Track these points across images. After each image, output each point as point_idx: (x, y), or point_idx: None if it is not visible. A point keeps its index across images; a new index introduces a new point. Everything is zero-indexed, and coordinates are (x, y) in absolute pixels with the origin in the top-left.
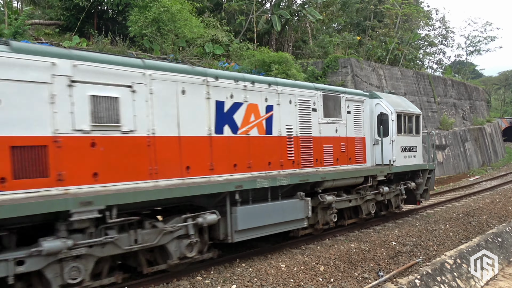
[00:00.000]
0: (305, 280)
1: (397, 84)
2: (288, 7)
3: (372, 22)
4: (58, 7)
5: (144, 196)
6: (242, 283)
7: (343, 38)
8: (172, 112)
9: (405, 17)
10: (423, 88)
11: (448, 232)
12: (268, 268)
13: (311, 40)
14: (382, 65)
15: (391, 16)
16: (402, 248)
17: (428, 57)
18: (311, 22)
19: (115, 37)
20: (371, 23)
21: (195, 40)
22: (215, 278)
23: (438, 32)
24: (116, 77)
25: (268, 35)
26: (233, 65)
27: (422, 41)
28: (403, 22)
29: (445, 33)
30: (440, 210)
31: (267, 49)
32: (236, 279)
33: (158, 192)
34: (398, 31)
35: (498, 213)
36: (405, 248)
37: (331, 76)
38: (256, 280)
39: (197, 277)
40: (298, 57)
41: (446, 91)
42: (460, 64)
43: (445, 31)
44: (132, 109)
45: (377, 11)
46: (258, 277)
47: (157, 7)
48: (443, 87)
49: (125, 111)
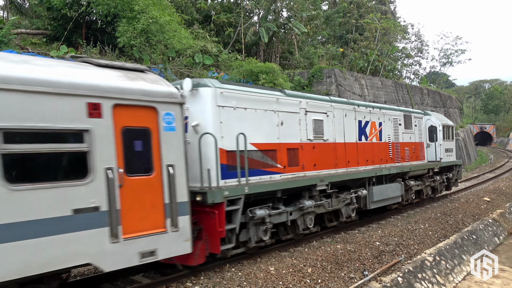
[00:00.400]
0: (294, 282)
1: (378, 93)
2: (275, 20)
3: (354, 35)
4: (46, 16)
5: (339, 178)
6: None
7: (327, 50)
8: (341, 127)
9: (384, 31)
10: (402, 97)
11: (427, 231)
12: (257, 272)
13: (297, 52)
14: (364, 75)
15: (371, 29)
16: (385, 247)
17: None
18: (296, 34)
19: (104, 47)
20: (353, 36)
21: (184, 51)
22: (204, 284)
23: (414, 45)
24: (320, 108)
25: (256, 46)
26: (222, 74)
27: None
28: (382, 35)
29: (420, 46)
30: (419, 210)
31: (255, 59)
32: (226, 284)
33: (344, 175)
34: (378, 43)
35: (472, 212)
36: (388, 248)
37: (316, 86)
38: (245, 284)
39: (187, 283)
40: (285, 67)
41: (422, 99)
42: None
43: (420, 44)
44: (327, 126)
45: (358, 25)
46: (247, 281)
47: (146, 18)
48: (420, 95)
49: (325, 128)
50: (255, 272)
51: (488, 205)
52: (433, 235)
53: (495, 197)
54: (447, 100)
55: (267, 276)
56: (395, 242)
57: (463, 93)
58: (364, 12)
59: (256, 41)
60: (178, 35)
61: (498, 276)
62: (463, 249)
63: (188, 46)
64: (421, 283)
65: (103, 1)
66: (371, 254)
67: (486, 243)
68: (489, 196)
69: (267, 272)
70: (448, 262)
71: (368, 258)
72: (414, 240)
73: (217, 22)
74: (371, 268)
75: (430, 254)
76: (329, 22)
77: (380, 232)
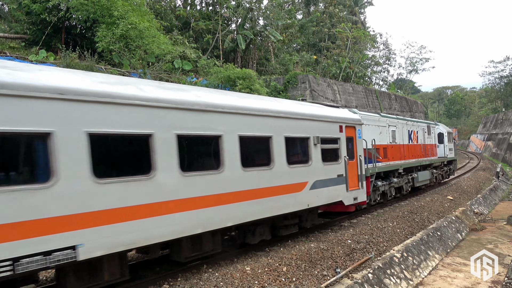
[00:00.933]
0: (269, 281)
1: (349, 98)
2: (252, 28)
3: (327, 43)
4: (24, 21)
5: (407, 165)
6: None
7: (302, 57)
8: (401, 135)
9: (355, 39)
10: (371, 102)
11: (395, 228)
12: (233, 272)
13: (273, 58)
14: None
15: (342, 38)
16: (356, 245)
17: (375, 75)
18: (272, 42)
19: (83, 51)
20: (325, 44)
21: (164, 56)
22: (182, 285)
23: (383, 53)
24: (394, 123)
25: (234, 53)
26: (201, 80)
27: (369, 60)
28: (353, 44)
29: (388, 54)
30: (388, 209)
31: (233, 65)
32: (203, 285)
33: (407, 164)
34: (349, 51)
35: (437, 210)
36: (359, 245)
37: (291, 91)
38: (222, 284)
39: (164, 285)
40: (261, 73)
41: (390, 104)
42: (401, 81)
43: (388, 52)
44: (397, 134)
45: (331, 33)
46: (224, 281)
47: (125, 24)
48: (388, 101)
49: (396, 135)
50: (232, 272)
51: (451, 203)
52: (401, 233)
53: (457, 196)
54: (413, 105)
55: (243, 276)
56: (365, 240)
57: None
58: (336, 21)
59: (234, 48)
60: (157, 40)
61: (461, 270)
62: (429, 245)
63: (167, 51)
64: (390, 278)
65: (82, 7)
66: (343, 252)
67: (450, 239)
68: (452, 195)
69: (243, 272)
70: (415, 258)
71: (340, 256)
72: (383, 238)
73: (196, 29)
74: (343, 265)
75: (398, 251)
76: (303, 30)
77: (351, 230)
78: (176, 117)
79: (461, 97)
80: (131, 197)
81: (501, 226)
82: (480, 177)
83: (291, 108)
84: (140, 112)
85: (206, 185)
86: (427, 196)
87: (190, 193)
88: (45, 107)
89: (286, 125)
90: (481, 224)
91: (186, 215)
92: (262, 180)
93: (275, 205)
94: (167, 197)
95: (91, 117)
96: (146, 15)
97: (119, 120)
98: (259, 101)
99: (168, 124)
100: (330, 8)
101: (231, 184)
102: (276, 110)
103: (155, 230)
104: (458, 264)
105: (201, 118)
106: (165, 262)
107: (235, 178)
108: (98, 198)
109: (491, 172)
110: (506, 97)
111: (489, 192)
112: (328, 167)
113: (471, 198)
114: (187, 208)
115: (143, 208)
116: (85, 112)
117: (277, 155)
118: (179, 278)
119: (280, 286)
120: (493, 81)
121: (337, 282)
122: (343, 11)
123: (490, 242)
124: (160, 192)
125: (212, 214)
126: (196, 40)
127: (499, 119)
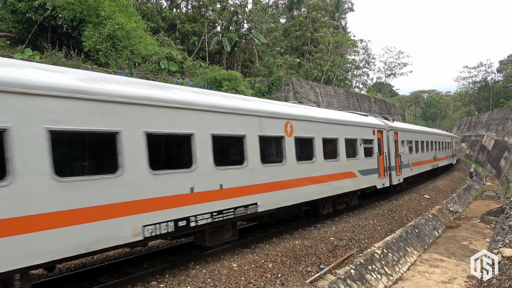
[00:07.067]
0: (255, 278)
1: (331, 100)
2: (237, 30)
3: (309, 47)
4: (10, 19)
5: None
6: (196, 285)
7: (285, 60)
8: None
9: (336, 44)
10: (352, 104)
11: (376, 226)
12: (221, 269)
13: (258, 61)
14: (318, 84)
15: (324, 42)
16: (339, 242)
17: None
18: (257, 45)
19: (70, 51)
20: (308, 48)
21: (150, 57)
22: (169, 282)
23: (362, 57)
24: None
25: (219, 55)
26: (187, 80)
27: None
28: (334, 48)
29: (368, 58)
30: (369, 208)
31: (218, 67)
32: (190, 281)
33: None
34: (331, 55)
35: (415, 208)
36: (341, 242)
37: (275, 93)
38: (209, 281)
39: (152, 281)
40: (246, 75)
41: (370, 106)
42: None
43: (368, 57)
44: (425, 145)
45: (313, 38)
46: (211, 277)
47: (112, 24)
48: (368, 103)
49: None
50: (219, 268)
51: (428, 202)
52: (381, 230)
53: (434, 195)
54: (392, 107)
55: (230, 273)
56: (348, 237)
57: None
58: (319, 26)
59: (219, 50)
60: (144, 41)
61: (438, 266)
62: (407, 242)
63: (153, 52)
64: (371, 274)
65: (69, 6)
66: (327, 248)
67: (427, 236)
68: (428, 194)
69: (230, 269)
70: (395, 254)
71: (323, 252)
72: (364, 235)
73: (182, 30)
74: (326, 261)
75: (379, 248)
76: (287, 34)
77: (334, 228)
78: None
79: (436, 100)
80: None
81: (475, 224)
82: (455, 177)
83: (346, 117)
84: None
85: (307, 171)
86: (405, 195)
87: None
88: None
89: (345, 130)
90: (456, 222)
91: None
92: (334, 168)
93: (339, 186)
94: (291, 175)
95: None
96: (133, 16)
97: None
98: (332, 111)
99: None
100: (313, 13)
101: (321, 169)
102: (340, 119)
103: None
104: (435, 260)
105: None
106: (154, 258)
107: (320, 166)
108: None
109: (465, 172)
110: (479, 101)
111: (464, 192)
112: (367, 160)
113: (447, 197)
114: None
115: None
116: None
117: (341, 151)
118: (167, 275)
119: (266, 282)
120: (467, 86)
121: (321, 278)
122: (325, 16)
123: (465, 239)
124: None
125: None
126: (182, 42)
127: (472, 122)
